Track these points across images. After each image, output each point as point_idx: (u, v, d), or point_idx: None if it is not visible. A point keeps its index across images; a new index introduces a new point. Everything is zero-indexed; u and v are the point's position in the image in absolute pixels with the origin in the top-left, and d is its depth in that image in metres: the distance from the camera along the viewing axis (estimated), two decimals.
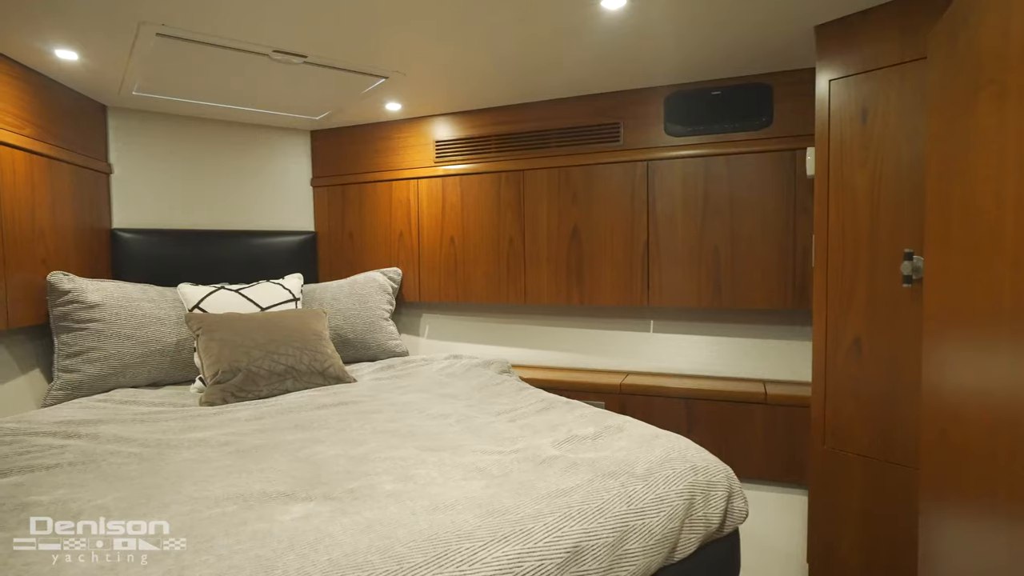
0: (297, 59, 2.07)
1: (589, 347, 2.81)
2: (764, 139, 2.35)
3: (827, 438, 1.84)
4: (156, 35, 1.83)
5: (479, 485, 1.30)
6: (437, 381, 2.30)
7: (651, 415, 2.38)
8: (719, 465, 1.49)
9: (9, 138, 1.98)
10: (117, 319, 2.19)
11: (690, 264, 2.50)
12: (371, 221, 3.12)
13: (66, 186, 2.29)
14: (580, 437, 1.62)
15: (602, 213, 2.64)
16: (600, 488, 1.29)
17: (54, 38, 1.87)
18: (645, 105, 2.55)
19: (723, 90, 2.40)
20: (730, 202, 2.43)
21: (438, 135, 2.95)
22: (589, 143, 2.66)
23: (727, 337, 2.57)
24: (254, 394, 2.09)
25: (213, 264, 2.80)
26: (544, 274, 2.76)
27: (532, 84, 2.50)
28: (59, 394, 2.06)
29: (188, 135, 2.82)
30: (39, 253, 2.13)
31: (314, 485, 1.29)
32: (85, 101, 2.46)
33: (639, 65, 2.27)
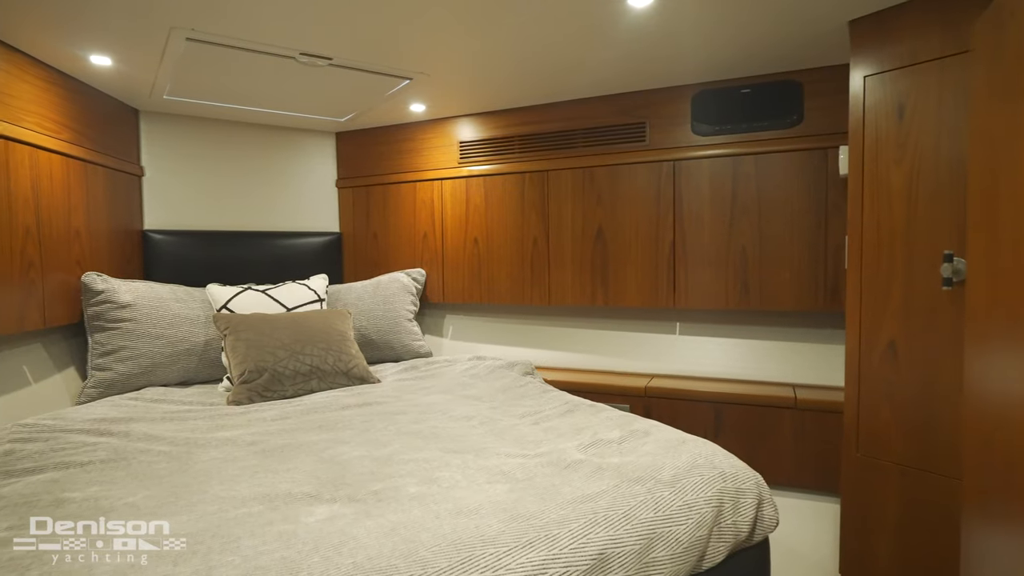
0: (323, 61, 2.09)
1: (614, 349, 2.78)
2: (794, 138, 2.29)
3: (861, 445, 1.79)
4: (186, 40, 1.86)
5: (503, 489, 1.29)
6: (461, 382, 2.29)
7: (677, 419, 2.34)
8: (748, 472, 1.46)
9: (48, 143, 2.03)
10: (148, 319, 2.24)
11: (717, 265, 2.46)
12: (395, 222, 3.13)
13: (100, 189, 2.35)
14: (605, 441, 1.59)
15: (627, 213, 2.61)
16: (626, 494, 1.27)
17: (89, 44, 1.91)
18: (671, 104, 2.52)
19: (752, 88, 2.35)
20: (758, 202, 2.38)
21: (462, 136, 2.95)
22: (614, 143, 2.63)
23: (755, 340, 2.52)
24: (279, 394, 2.11)
25: (241, 264, 2.84)
26: (568, 275, 2.74)
27: (556, 84, 2.48)
28: (93, 392, 2.11)
29: (217, 137, 2.87)
30: (74, 254, 2.18)
31: (339, 486, 1.29)
32: (118, 105, 2.51)
33: (665, 63, 2.24)
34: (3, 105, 1.84)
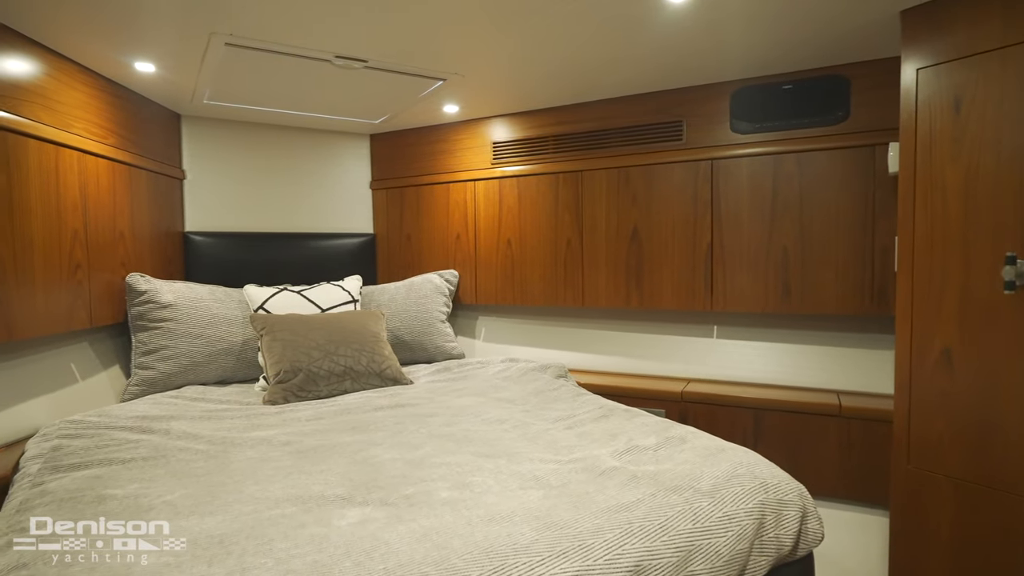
0: (358, 64, 2.10)
1: (649, 352, 2.72)
2: (840, 134, 2.21)
3: (912, 457, 1.70)
4: (225, 45, 1.89)
5: (536, 496, 1.26)
6: (493, 385, 2.28)
7: (714, 425, 2.28)
8: (792, 483, 1.40)
9: (95, 147, 2.09)
10: (188, 319, 2.29)
11: (757, 267, 2.38)
12: (428, 223, 3.14)
13: (144, 192, 2.41)
14: (641, 448, 1.56)
15: (663, 214, 2.56)
16: (663, 503, 1.23)
17: (134, 51, 1.96)
18: (709, 102, 2.45)
19: (795, 84, 2.27)
20: (801, 201, 2.30)
21: (495, 136, 2.93)
22: (650, 142, 2.57)
23: (797, 344, 2.43)
24: (314, 394, 2.13)
25: (277, 265, 2.89)
26: (602, 277, 2.70)
27: (591, 83, 2.45)
28: (135, 389, 2.16)
29: (255, 141, 2.92)
30: (119, 255, 2.24)
31: (371, 489, 1.29)
32: (161, 111, 2.58)
33: (704, 60, 2.18)
34: (53, 112, 1.91)
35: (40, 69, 1.86)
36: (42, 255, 1.84)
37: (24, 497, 1.31)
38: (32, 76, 1.83)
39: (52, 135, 1.88)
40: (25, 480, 1.40)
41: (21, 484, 1.39)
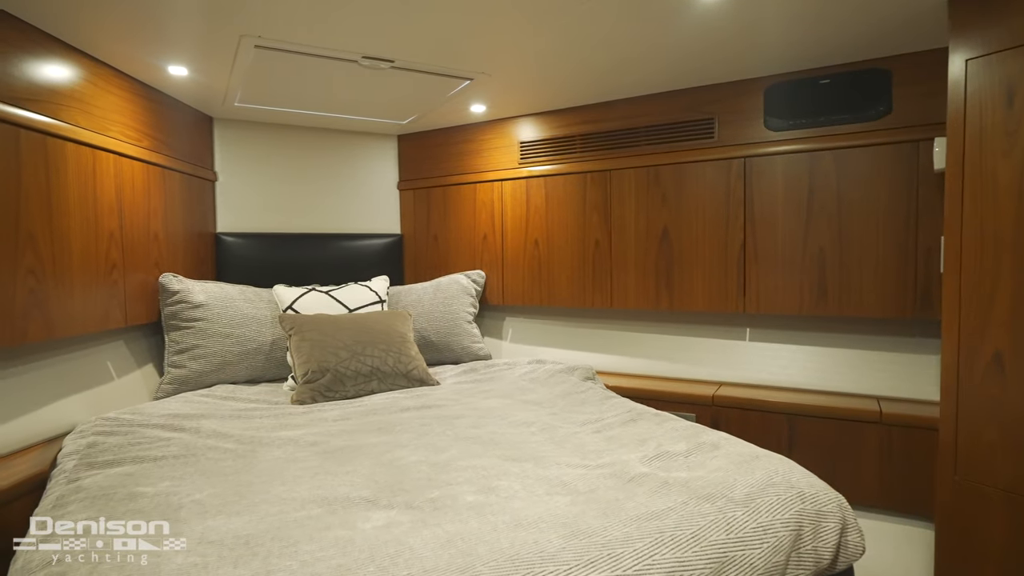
0: (385, 64, 2.10)
1: (679, 355, 2.66)
2: (881, 130, 2.12)
3: (960, 467, 1.62)
4: (254, 47, 1.91)
5: (564, 502, 1.23)
6: (520, 387, 2.25)
7: (747, 431, 2.21)
8: (830, 492, 1.34)
9: (130, 150, 2.14)
10: (219, 318, 2.32)
11: (792, 267, 2.31)
12: (455, 223, 3.13)
13: (177, 193, 2.46)
14: (671, 453, 1.51)
15: (694, 213, 2.50)
16: (695, 512, 1.19)
17: (167, 55, 2.00)
18: (742, 98, 2.39)
19: (832, 78, 2.19)
20: (838, 200, 2.22)
21: (522, 136, 2.91)
22: (680, 140, 2.52)
23: (834, 347, 2.34)
24: (341, 394, 2.14)
25: (306, 266, 2.91)
26: (631, 278, 2.65)
27: (619, 81, 2.40)
28: (168, 388, 2.20)
29: (284, 142, 2.95)
30: (153, 256, 2.29)
31: (396, 492, 1.28)
32: (194, 113, 2.63)
33: (737, 56, 2.12)
34: (91, 116, 1.95)
35: (79, 75, 1.91)
36: (80, 256, 1.89)
37: (60, 493, 1.34)
38: (71, 81, 1.87)
39: (90, 138, 1.92)
40: (62, 476, 1.43)
41: (58, 480, 1.42)
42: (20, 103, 1.66)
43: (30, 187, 1.69)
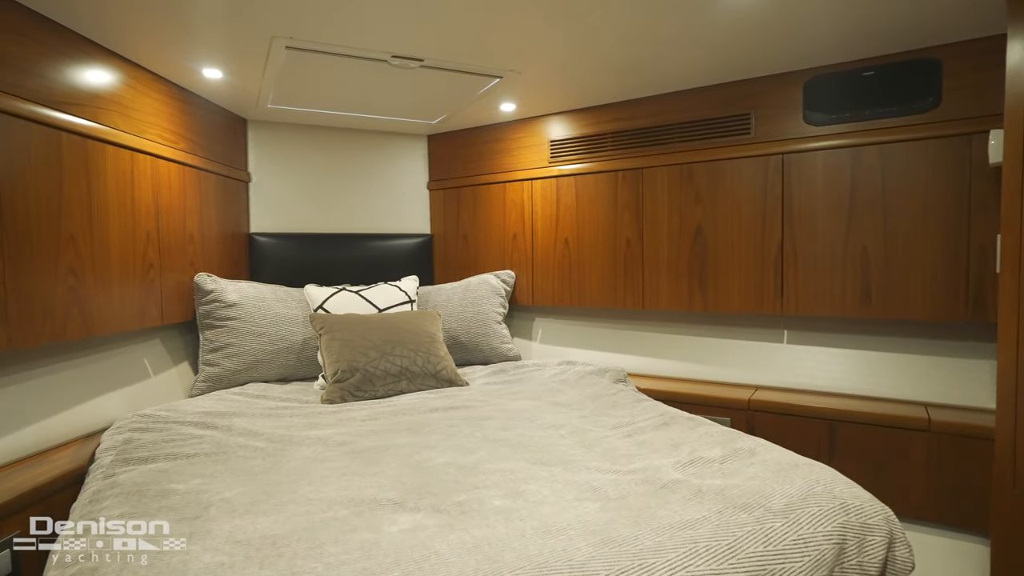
0: (414, 63, 2.09)
1: (713, 357, 2.59)
2: (929, 123, 2.02)
3: (1019, 480, 1.52)
4: (285, 48, 1.92)
5: (593, 508, 1.20)
6: (549, 388, 2.22)
7: (784, 437, 2.13)
8: (876, 504, 1.27)
9: (167, 152, 2.18)
10: (251, 317, 2.35)
11: (832, 268, 2.22)
12: (485, 223, 3.12)
13: (212, 194, 2.50)
14: (705, 460, 1.46)
15: (729, 212, 2.43)
16: (731, 522, 1.14)
17: (202, 58, 2.03)
18: (780, 92, 2.30)
19: (877, 69, 2.10)
20: (883, 197, 2.12)
21: (552, 135, 2.88)
22: (715, 136, 2.45)
23: (878, 351, 2.24)
24: (370, 394, 2.14)
25: (336, 265, 2.93)
26: (664, 278, 2.59)
27: (652, 76, 2.35)
28: (203, 385, 2.24)
29: (316, 143, 2.98)
30: (188, 256, 2.33)
31: (423, 495, 1.26)
32: (229, 116, 2.67)
33: (775, 48, 2.05)
34: (130, 119, 2.00)
35: (118, 78, 1.95)
36: (118, 256, 1.93)
37: (97, 488, 1.36)
38: (111, 85, 1.92)
39: (128, 141, 1.97)
40: (99, 471, 1.46)
41: (95, 475, 1.45)
42: (62, 107, 1.71)
43: (71, 189, 1.73)
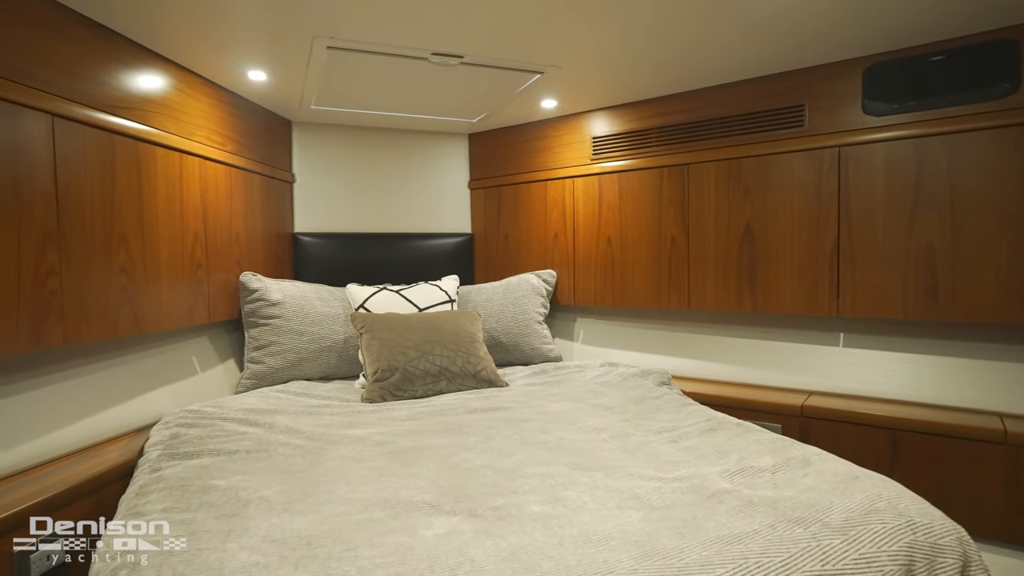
0: (454, 60, 2.07)
1: (762, 360, 2.48)
2: (1006, 111, 1.87)
3: None
4: (327, 48, 1.94)
5: (636, 517, 1.15)
6: (591, 390, 2.17)
7: (840, 446, 2.02)
8: (947, 522, 1.17)
9: (215, 154, 2.23)
10: (295, 316, 2.38)
11: (894, 267, 2.09)
12: (526, 222, 3.08)
13: (257, 195, 2.55)
14: (755, 469, 1.39)
15: (781, 208, 2.32)
16: (784, 537, 1.06)
17: (246, 59, 2.06)
18: (837, 81, 2.18)
19: (947, 54, 1.96)
20: (951, 191, 1.98)
21: (595, 131, 2.82)
22: (765, 130, 2.34)
23: (945, 356, 2.10)
24: (410, 393, 2.13)
25: (378, 265, 2.95)
26: (710, 277, 2.50)
27: (698, 69, 2.26)
28: (247, 383, 2.28)
29: (358, 144, 3.01)
30: (234, 255, 2.38)
31: (459, 498, 1.23)
32: (274, 118, 2.72)
33: (831, 35, 1.94)
34: (179, 122, 2.05)
35: (168, 83, 2.01)
36: (167, 255, 1.98)
37: (144, 482, 1.39)
38: (161, 90, 1.97)
39: (177, 143, 2.02)
40: (146, 465, 1.49)
41: (143, 468, 1.49)
42: (115, 111, 1.76)
43: (123, 190, 1.79)
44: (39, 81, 1.51)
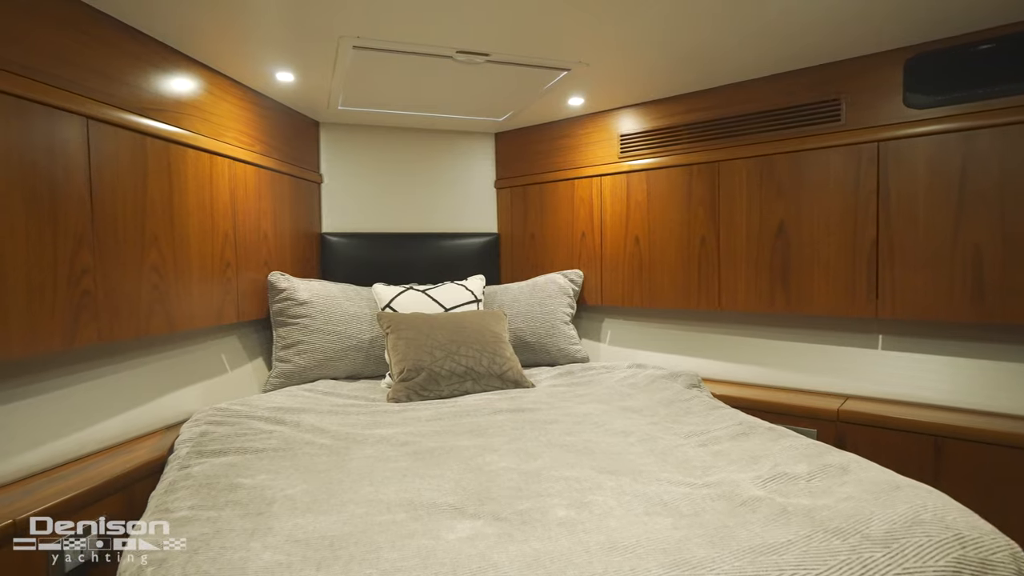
0: (480, 58, 2.06)
1: (796, 363, 2.40)
2: None
3: None
4: (353, 48, 1.94)
5: (665, 524, 1.11)
6: (618, 392, 2.13)
7: (879, 453, 1.93)
8: (999, 537, 1.10)
9: (244, 155, 2.26)
10: (322, 315, 2.40)
11: (938, 267, 1.99)
12: (552, 221, 3.05)
13: (286, 195, 2.58)
14: (790, 476, 1.33)
15: (815, 206, 2.24)
16: (822, 549, 1.02)
17: (274, 60, 2.08)
18: (876, 73, 2.10)
19: (995, 42, 1.87)
20: (1000, 187, 1.88)
21: (622, 129, 2.77)
22: (799, 126, 2.27)
23: (994, 360, 2.00)
24: (435, 393, 2.12)
25: (404, 265, 2.96)
26: (741, 277, 2.43)
27: (729, 64, 2.20)
28: (275, 381, 2.30)
29: (385, 144, 3.02)
30: (262, 255, 2.41)
31: (483, 501, 1.22)
32: (302, 119, 2.75)
33: (869, 24, 1.86)
34: (210, 123, 2.08)
35: (199, 85, 2.04)
36: (198, 255, 2.01)
37: (173, 478, 1.41)
38: (192, 92, 2.00)
39: (207, 144, 2.05)
40: (176, 462, 1.51)
41: (172, 465, 1.50)
42: (147, 113, 1.79)
43: (154, 191, 1.82)
44: (74, 84, 1.54)
